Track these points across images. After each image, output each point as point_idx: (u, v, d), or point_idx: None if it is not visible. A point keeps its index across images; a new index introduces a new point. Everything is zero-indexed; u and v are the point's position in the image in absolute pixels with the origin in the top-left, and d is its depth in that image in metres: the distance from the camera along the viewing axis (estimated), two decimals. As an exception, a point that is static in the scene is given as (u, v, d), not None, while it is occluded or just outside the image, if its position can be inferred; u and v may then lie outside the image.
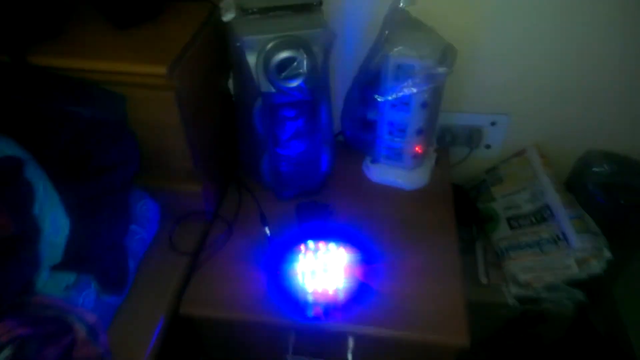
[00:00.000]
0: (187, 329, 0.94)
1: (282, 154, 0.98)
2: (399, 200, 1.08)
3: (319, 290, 0.87)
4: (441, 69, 0.90)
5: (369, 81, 1.01)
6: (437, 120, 1.07)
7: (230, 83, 0.99)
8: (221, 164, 1.08)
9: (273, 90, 0.87)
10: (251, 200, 1.06)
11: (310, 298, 0.87)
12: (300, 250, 0.88)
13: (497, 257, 1.11)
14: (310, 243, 0.88)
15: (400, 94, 0.94)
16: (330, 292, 0.87)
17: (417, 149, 1.05)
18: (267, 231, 0.96)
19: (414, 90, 0.93)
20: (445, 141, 1.20)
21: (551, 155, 1.17)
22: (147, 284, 0.91)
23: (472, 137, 1.20)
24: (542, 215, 1.09)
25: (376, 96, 0.97)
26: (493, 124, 1.18)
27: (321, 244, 0.88)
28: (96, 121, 0.73)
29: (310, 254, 0.87)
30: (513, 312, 1.09)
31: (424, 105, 0.97)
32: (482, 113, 1.17)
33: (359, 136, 1.13)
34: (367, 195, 1.09)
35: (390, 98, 0.96)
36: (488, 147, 1.23)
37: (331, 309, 0.86)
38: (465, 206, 1.20)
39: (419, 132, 1.01)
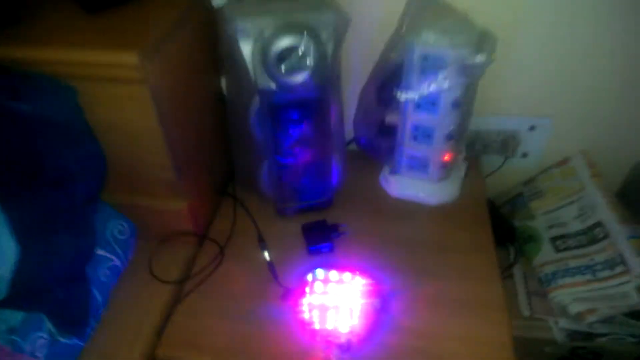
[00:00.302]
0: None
1: (285, 163, 0.81)
2: (424, 218, 0.91)
3: (331, 329, 0.70)
4: (478, 59, 0.74)
5: (388, 76, 0.85)
6: (469, 124, 0.90)
7: (223, 81, 0.84)
8: (211, 176, 0.92)
9: (273, 86, 0.71)
10: (248, 219, 0.89)
11: (320, 339, 0.70)
12: (307, 282, 0.71)
13: (541, 284, 0.94)
14: (319, 272, 0.71)
15: (427, 92, 0.78)
16: (345, 332, 0.70)
17: (445, 157, 0.88)
18: (267, 256, 0.79)
19: (445, 86, 0.76)
20: (476, 149, 1.03)
21: (600, 164, 1.00)
22: (119, 321, 0.75)
23: (507, 144, 1.03)
24: (594, 234, 0.92)
25: (397, 93, 0.81)
26: (532, 128, 1.01)
27: (332, 274, 0.71)
28: (41, 118, 0.57)
29: (319, 285, 0.70)
30: (562, 349, 0.91)
31: (455, 104, 0.80)
32: (519, 116, 1.00)
33: (375, 143, 0.96)
34: (385, 212, 0.92)
35: (414, 96, 0.79)
36: (525, 155, 1.06)
37: (346, 353, 0.68)
38: (499, 224, 1.02)
39: (449, 137, 0.85)
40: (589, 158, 1.01)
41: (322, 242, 0.83)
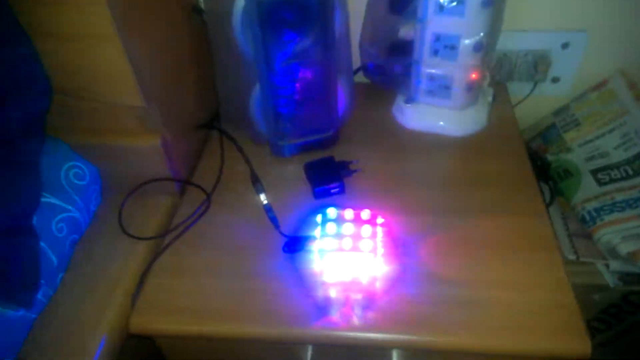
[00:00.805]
0: (146, 351, 0.63)
1: (280, 85, 0.66)
2: (448, 151, 0.76)
3: (348, 281, 0.56)
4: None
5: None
6: (499, 34, 0.75)
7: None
8: (190, 106, 0.75)
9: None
10: (238, 158, 0.74)
11: (333, 293, 0.56)
12: (316, 223, 0.56)
13: (584, 223, 0.80)
14: (331, 211, 0.56)
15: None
16: (365, 283, 0.56)
17: (473, 75, 0.73)
18: (263, 199, 0.64)
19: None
20: (501, 73, 0.88)
21: (643, 84, 0.85)
22: (82, 287, 0.60)
23: (536, 66, 0.88)
24: (642, 163, 0.78)
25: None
26: (565, 46, 0.86)
27: (348, 212, 0.56)
28: None
29: (331, 227, 0.55)
30: (613, 296, 0.79)
31: (485, 2, 0.65)
32: (550, 31, 0.85)
33: (386, 67, 0.81)
34: (402, 147, 0.78)
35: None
36: (556, 80, 0.91)
37: (368, 308, 0.54)
38: (530, 159, 0.88)
39: (477, 47, 0.69)
40: (629, 78, 0.87)
41: (329, 182, 0.68)
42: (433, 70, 0.74)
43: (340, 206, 0.60)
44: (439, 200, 0.67)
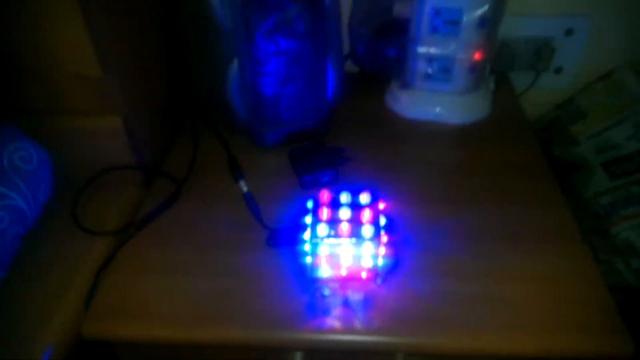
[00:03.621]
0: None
1: (262, 59, 0.58)
2: (450, 140, 0.69)
3: (345, 275, 0.47)
4: None
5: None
6: (505, 8, 0.69)
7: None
8: (161, 87, 0.67)
9: None
10: (214, 146, 0.65)
11: (327, 290, 0.47)
12: (306, 210, 0.47)
13: (598, 219, 0.73)
14: (324, 194, 0.48)
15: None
16: (365, 277, 0.48)
17: (476, 55, 0.66)
18: (243, 187, 0.55)
19: None
20: (502, 62, 0.82)
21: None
22: (27, 289, 0.50)
23: (539, 54, 0.82)
24: (657, 154, 0.72)
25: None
26: (569, 32, 0.81)
27: (344, 195, 0.48)
28: None
29: (325, 212, 0.47)
30: (634, 295, 0.71)
31: (491, -30, 0.59)
32: (554, 15, 0.80)
33: (379, 50, 0.74)
34: (398, 137, 0.70)
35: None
36: (558, 71, 0.85)
37: (368, 307, 0.46)
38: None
39: (482, 23, 0.63)
40: (636, 67, 0.82)
41: (319, 170, 0.60)
42: (432, 50, 0.67)
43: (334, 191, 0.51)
44: (445, 190, 0.60)
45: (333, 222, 0.46)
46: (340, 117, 0.71)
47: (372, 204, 0.47)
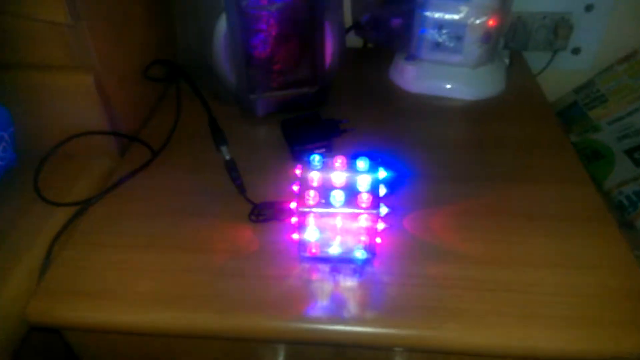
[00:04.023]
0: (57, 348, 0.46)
1: (252, 13, 0.51)
2: (461, 115, 0.63)
3: (339, 254, 0.41)
4: None
5: None
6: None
7: None
8: (140, 46, 0.60)
9: None
10: (199, 113, 0.58)
11: (317, 273, 0.40)
12: (295, 180, 0.41)
13: (623, 210, 0.66)
14: (316, 158, 0.41)
15: None
16: (361, 257, 0.41)
17: (491, 20, 0.60)
18: (225, 154, 0.49)
19: None
20: (517, 41, 0.76)
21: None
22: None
23: (557, 31, 0.75)
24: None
25: None
26: (589, 8, 0.75)
27: (339, 160, 0.41)
28: None
29: (316, 176, 0.40)
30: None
31: None
32: (573, -11, 0.73)
33: (384, 19, 0.67)
34: (403, 111, 0.63)
35: None
36: (576, 51, 0.79)
37: (364, 292, 0.39)
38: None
39: (498, -17, 0.56)
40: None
41: (313, 141, 0.53)
42: (442, 15, 0.61)
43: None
44: (455, 165, 0.53)
45: (324, 189, 0.39)
46: (339, 90, 0.65)
47: (372, 171, 0.40)
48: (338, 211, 0.38)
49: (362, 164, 0.41)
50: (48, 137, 0.52)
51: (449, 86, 0.65)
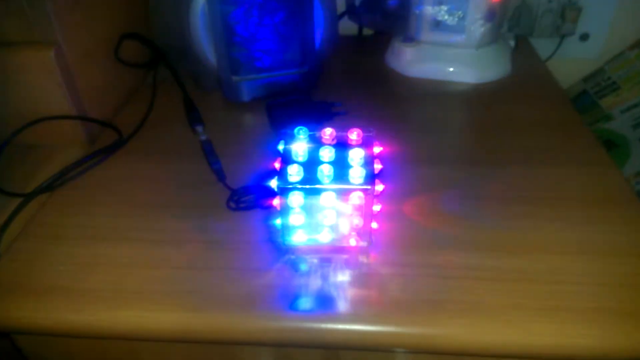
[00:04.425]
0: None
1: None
2: (464, 98, 0.57)
3: (326, 241, 0.35)
4: None
5: None
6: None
7: None
8: (113, 17, 0.55)
9: None
10: (177, 98, 0.53)
11: (303, 264, 0.35)
12: (277, 152, 0.35)
13: (641, 204, 0.60)
14: (303, 132, 0.35)
15: None
16: (354, 244, 0.35)
17: (494, -5, 0.55)
18: (201, 133, 0.43)
19: None
20: (522, 25, 0.71)
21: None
22: None
23: (564, 15, 0.70)
24: None
25: None
26: (597, -10, 0.70)
27: (327, 132, 0.36)
28: None
29: (299, 149, 0.34)
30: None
31: None
32: (581, -32, 0.69)
33: (379, 1, 0.63)
34: (401, 96, 0.58)
35: None
36: (585, 37, 0.74)
37: (357, 285, 0.33)
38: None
39: (502, -48, 0.52)
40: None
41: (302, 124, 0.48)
42: (441, -7, 0.56)
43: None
44: (460, 148, 0.48)
45: (311, 164, 0.34)
46: (332, 74, 0.60)
47: (365, 144, 0.35)
48: (326, 187, 0.32)
49: (354, 136, 0.35)
50: (5, 123, 0.47)
51: (451, 69, 0.60)
